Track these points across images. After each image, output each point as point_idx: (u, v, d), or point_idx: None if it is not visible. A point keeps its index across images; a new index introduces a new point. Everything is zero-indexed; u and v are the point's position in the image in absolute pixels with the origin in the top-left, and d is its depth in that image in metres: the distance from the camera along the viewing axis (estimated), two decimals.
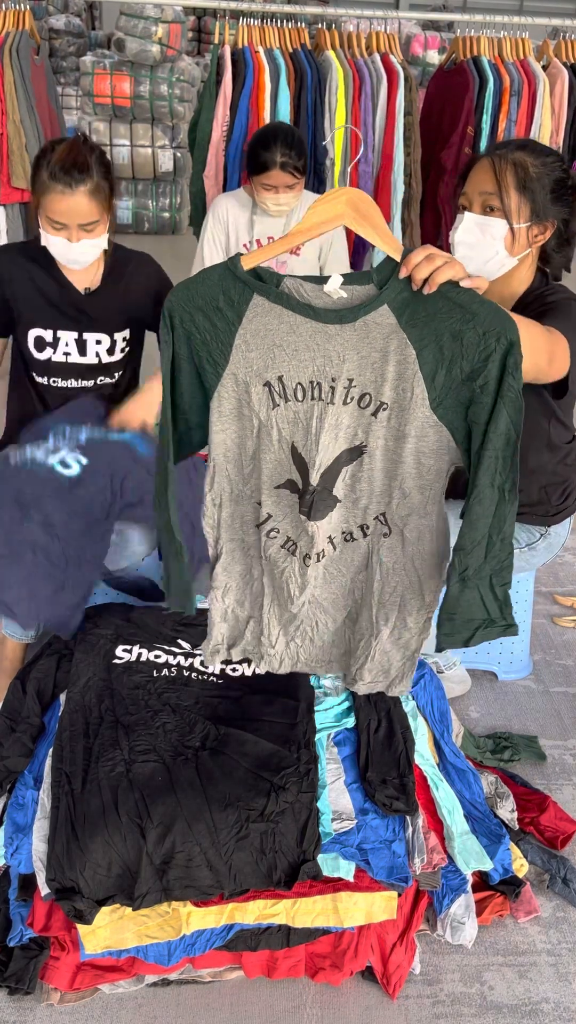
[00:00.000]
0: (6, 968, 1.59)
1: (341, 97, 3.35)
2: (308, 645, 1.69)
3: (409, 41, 8.56)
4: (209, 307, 1.40)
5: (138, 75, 6.67)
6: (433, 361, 1.38)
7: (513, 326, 1.34)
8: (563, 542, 2.25)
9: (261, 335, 1.41)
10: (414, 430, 1.44)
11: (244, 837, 1.55)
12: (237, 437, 1.50)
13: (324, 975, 1.65)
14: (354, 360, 1.40)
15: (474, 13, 3.76)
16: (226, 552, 1.60)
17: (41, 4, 8.77)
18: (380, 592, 1.59)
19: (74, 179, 2.02)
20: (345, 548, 1.58)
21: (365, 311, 1.37)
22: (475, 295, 1.35)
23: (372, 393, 1.43)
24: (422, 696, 1.92)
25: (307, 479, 1.50)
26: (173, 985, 1.65)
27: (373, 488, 1.51)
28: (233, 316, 1.40)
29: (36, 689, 1.81)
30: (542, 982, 1.71)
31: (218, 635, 1.67)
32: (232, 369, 1.43)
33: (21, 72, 3.30)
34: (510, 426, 1.36)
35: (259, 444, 1.50)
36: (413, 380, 1.40)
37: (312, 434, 1.46)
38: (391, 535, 1.55)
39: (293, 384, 1.44)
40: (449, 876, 1.71)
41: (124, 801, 1.55)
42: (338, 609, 1.65)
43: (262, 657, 1.70)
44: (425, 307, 1.36)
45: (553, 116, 3.54)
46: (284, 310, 1.39)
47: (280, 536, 1.58)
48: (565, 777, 2.18)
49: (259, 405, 1.46)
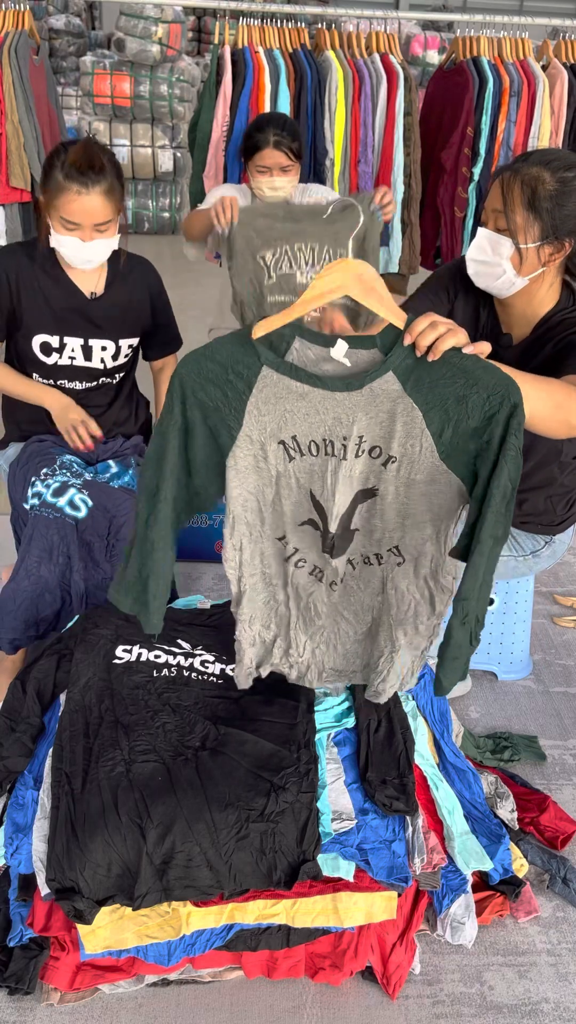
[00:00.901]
0: (6, 968, 1.59)
1: (341, 97, 3.35)
2: (332, 652, 1.74)
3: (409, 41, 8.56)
4: (220, 379, 1.44)
5: (138, 75, 6.67)
6: (440, 421, 1.42)
7: (516, 389, 1.37)
8: (566, 549, 2.25)
9: (272, 402, 1.45)
10: (424, 476, 1.48)
11: (244, 837, 1.55)
12: (255, 488, 1.54)
13: (324, 975, 1.65)
14: (363, 420, 1.44)
15: (474, 13, 3.76)
16: (248, 587, 1.65)
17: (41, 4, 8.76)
18: (397, 612, 1.64)
19: (90, 179, 2.02)
20: (364, 569, 1.63)
21: (371, 378, 1.41)
22: (478, 360, 1.38)
23: (382, 446, 1.47)
24: (422, 696, 1.92)
25: (327, 525, 1.56)
26: (173, 985, 1.65)
27: (386, 524, 1.55)
28: (243, 387, 1.44)
29: (36, 689, 1.81)
30: (542, 982, 1.71)
31: (248, 660, 1.73)
32: (247, 431, 1.48)
33: (20, 72, 3.30)
34: (508, 482, 1.40)
35: (278, 491, 1.55)
36: (421, 437, 1.44)
37: (328, 486, 1.51)
38: (404, 563, 1.59)
39: (307, 442, 1.48)
40: (449, 876, 1.71)
41: (124, 801, 1.55)
42: (359, 622, 1.70)
43: (291, 667, 1.75)
44: (429, 373, 1.39)
45: (553, 116, 3.54)
46: (292, 380, 1.43)
47: (308, 565, 1.64)
48: (565, 777, 2.18)
49: (275, 459, 1.51)
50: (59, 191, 2.03)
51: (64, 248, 2.12)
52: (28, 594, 2.02)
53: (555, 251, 1.77)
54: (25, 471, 2.16)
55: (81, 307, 2.23)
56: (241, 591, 1.66)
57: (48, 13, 8.82)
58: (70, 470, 2.12)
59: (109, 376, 2.35)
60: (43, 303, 2.21)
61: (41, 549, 2.02)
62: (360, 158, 3.44)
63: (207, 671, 1.86)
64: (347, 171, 3.44)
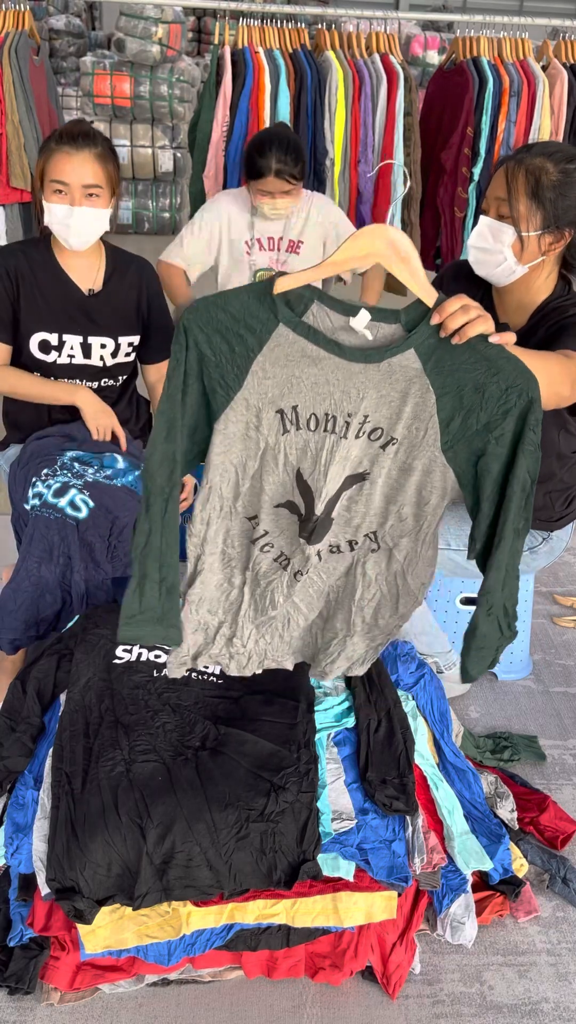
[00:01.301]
0: (6, 968, 1.59)
1: (341, 98, 3.35)
2: (277, 641, 1.70)
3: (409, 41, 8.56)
4: (229, 331, 1.37)
5: (138, 75, 6.67)
6: (451, 408, 1.39)
7: (535, 384, 1.36)
8: (564, 547, 2.25)
9: (280, 364, 1.38)
10: (421, 466, 1.45)
11: (244, 837, 1.55)
12: (238, 459, 1.48)
13: (324, 975, 1.65)
14: (372, 398, 1.40)
15: (474, 13, 3.76)
16: (205, 567, 1.58)
17: (41, 4, 8.77)
18: (360, 598, 1.61)
19: (80, 143, 2.07)
20: (329, 558, 1.59)
21: (391, 353, 1.36)
22: (502, 350, 1.36)
23: (384, 428, 1.43)
24: (422, 696, 1.92)
25: (312, 507, 1.50)
26: (173, 985, 1.65)
27: (369, 510, 1.52)
28: (254, 343, 1.37)
29: (36, 689, 1.81)
30: (542, 982, 1.71)
31: (186, 647, 1.66)
32: (245, 394, 1.41)
33: (20, 73, 3.30)
34: (527, 476, 1.39)
35: (262, 465, 1.48)
36: (428, 422, 1.41)
37: (321, 465, 1.46)
38: (379, 551, 1.56)
39: (307, 414, 1.43)
40: (449, 876, 1.71)
41: (124, 801, 1.55)
42: (311, 610, 1.67)
43: (231, 658, 1.70)
44: (451, 356, 1.36)
45: (552, 116, 3.54)
46: (308, 343, 1.37)
47: (274, 550, 1.58)
48: (565, 777, 2.18)
49: (268, 430, 1.44)
50: (51, 155, 2.09)
51: (54, 217, 2.12)
52: (28, 594, 2.02)
53: (555, 240, 1.81)
54: (26, 471, 2.16)
55: (79, 304, 2.24)
56: (197, 570, 1.58)
57: (48, 13, 8.83)
58: (71, 471, 2.11)
59: (111, 377, 2.35)
60: (41, 301, 2.21)
61: (42, 550, 2.02)
62: (360, 158, 3.44)
63: (207, 671, 1.86)
64: (347, 171, 3.44)
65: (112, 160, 2.14)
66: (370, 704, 1.79)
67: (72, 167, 2.07)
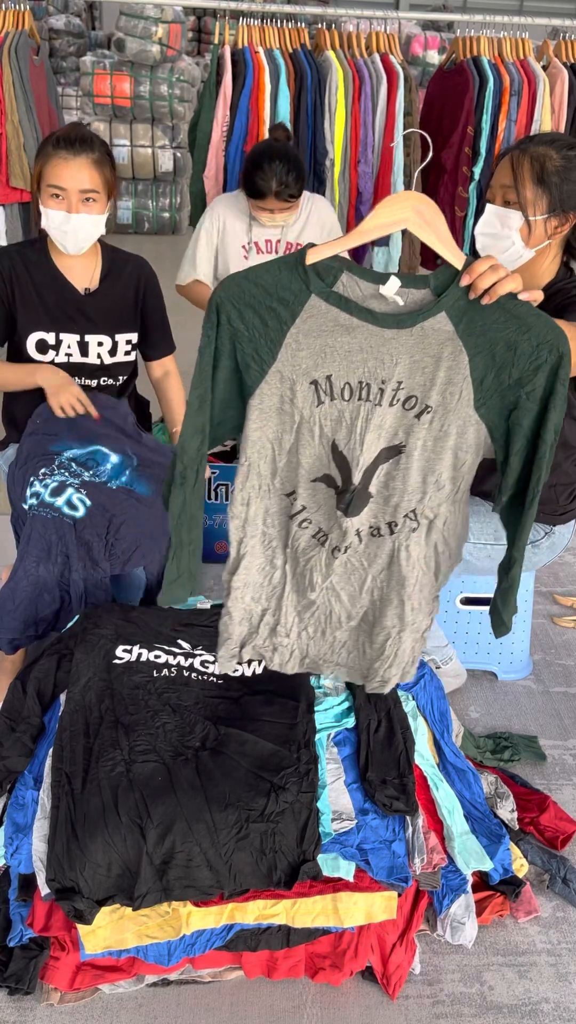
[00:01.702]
0: (6, 968, 1.59)
1: (341, 97, 3.35)
2: (319, 638, 1.71)
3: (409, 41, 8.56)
4: (261, 305, 1.39)
5: (138, 75, 6.68)
6: (483, 367, 1.42)
7: (565, 339, 1.39)
8: (566, 543, 2.25)
9: (314, 335, 1.41)
10: (455, 429, 1.48)
11: (244, 837, 1.55)
12: (274, 434, 1.51)
13: (324, 975, 1.65)
14: (406, 363, 1.42)
15: (474, 13, 3.75)
16: (248, 550, 1.61)
17: (41, 4, 8.77)
18: (411, 586, 1.63)
19: (77, 147, 2.07)
20: (370, 542, 1.61)
21: (423, 317, 1.39)
22: (531, 307, 1.39)
23: (419, 395, 1.45)
24: (422, 696, 1.92)
25: (349, 477, 1.52)
26: (173, 985, 1.65)
27: (407, 486, 1.54)
28: (287, 315, 1.40)
29: (36, 689, 1.81)
30: (542, 982, 1.71)
31: (236, 636, 1.70)
32: (278, 367, 1.43)
33: (20, 73, 3.30)
34: (554, 429, 1.43)
35: (298, 439, 1.50)
36: (462, 384, 1.43)
37: (356, 434, 1.48)
38: (419, 528, 1.59)
39: (341, 384, 1.45)
40: (449, 876, 1.71)
41: (124, 801, 1.55)
42: (354, 604, 1.67)
43: (275, 650, 1.71)
44: (482, 316, 1.39)
45: (553, 116, 3.54)
46: (341, 312, 1.39)
47: (312, 527, 1.60)
48: (565, 777, 2.18)
49: (303, 402, 1.47)
50: (48, 159, 2.09)
51: (51, 222, 2.13)
52: (27, 594, 2.02)
53: (560, 223, 1.89)
54: (24, 471, 2.16)
55: (75, 302, 2.24)
56: (240, 554, 1.61)
57: (48, 13, 8.83)
58: (68, 470, 2.11)
59: (110, 376, 2.35)
60: (38, 301, 2.21)
61: (40, 549, 2.01)
62: (360, 158, 3.44)
63: (207, 671, 1.86)
64: (347, 171, 3.44)
65: (109, 164, 2.14)
66: (370, 704, 1.79)
67: (69, 173, 2.07)
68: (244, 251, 2.95)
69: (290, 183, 2.71)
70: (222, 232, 2.95)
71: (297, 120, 3.36)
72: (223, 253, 2.97)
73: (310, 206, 2.96)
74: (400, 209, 1.35)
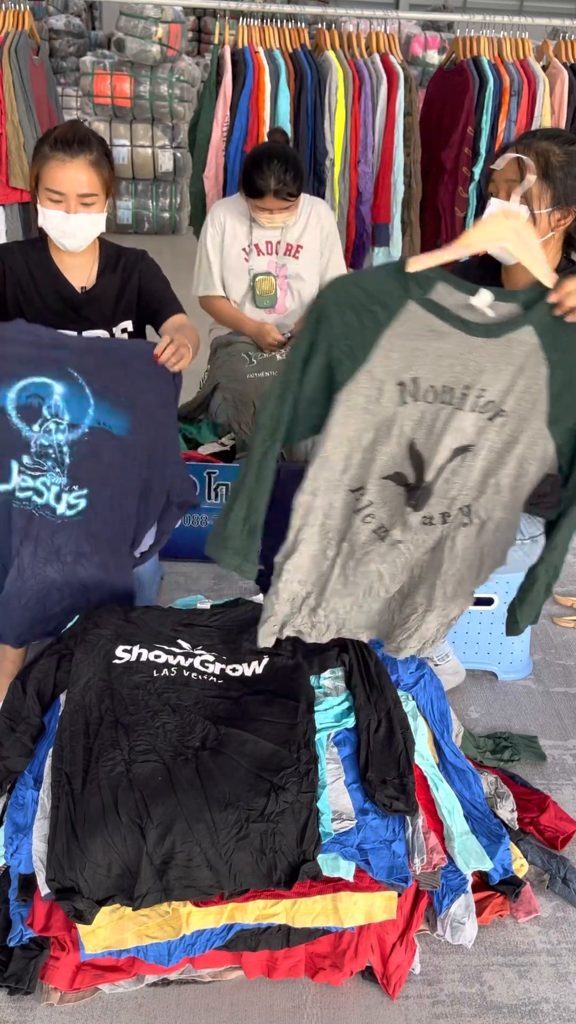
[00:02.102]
0: (6, 968, 1.59)
1: (341, 97, 3.35)
2: (355, 612, 1.76)
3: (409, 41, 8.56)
4: (361, 306, 1.47)
5: (138, 75, 6.67)
6: (562, 382, 1.49)
7: None
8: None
9: (407, 338, 1.48)
10: (526, 438, 1.54)
11: (244, 837, 1.55)
12: (355, 431, 1.56)
13: (324, 975, 1.65)
14: (490, 371, 1.49)
15: (474, 13, 3.75)
16: (304, 539, 1.66)
17: (41, 4, 8.77)
18: (445, 571, 1.67)
19: (75, 149, 2.05)
20: (420, 530, 1.66)
21: (511, 328, 1.47)
22: None
23: (496, 400, 1.51)
24: (422, 696, 1.92)
25: (422, 475, 1.59)
26: (173, 985, 1.65)
27: (467, 482, 1.59)
28: (385, 317, 1.47)
29: (36, 689, 1.81)
30: (542, 982, 1.71)
31: (281, 615, 1.74)
32: (369, 367, 1.50)
33: (20, 73, 3.30)
34: None
35: (376, 436, 1.56)
36: (538, 395, 1.50)
37: (435, 435, 1.54)
38: (470, 525, 1.63)
39: (427, 386, 1.51)
40: (449, 876, 1.71)
41: (124, 801, 1.55)
42: (394, 582, 1.72)
43: (313, 627, 1.77)
44: (568, 333, 1.48)
45: (553, 116, 3.54)
46: (436, 319, 1.47)
47: (375, 522, 1.65)
48: (565, 777, 2.18)
49: (388, 401, 1.53)
50: (45, 161, 2.07)
51: (49, 223, 2.12)
52: (34, 592, 2.02)
53: (563, 216, 1.94)
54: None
55: (72, 301, 2.25)
56: (297, 540, 1.66)
57: (48, 13, 8.82)
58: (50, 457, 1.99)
59: None
60: (37, 299, 2.22)
61: (48, 551, 2.02)
62: (360, 158, 3.44)
63: (207, 671, 1.86)
64: (347, 171, 3.44)
65: (107, 164, 2.12)
66: (370, 704, 1.79)
67: (67, 176, 2.05)
68: (245, 253, 2.96)
69: (288, 182, 2.73)
70: (224, 236, 2.97)
71: (297, 120, 3.36)
72: (225, 256, 2.97)
73: (310, 208, 2.97)
74: (502, 228, 1.47)
